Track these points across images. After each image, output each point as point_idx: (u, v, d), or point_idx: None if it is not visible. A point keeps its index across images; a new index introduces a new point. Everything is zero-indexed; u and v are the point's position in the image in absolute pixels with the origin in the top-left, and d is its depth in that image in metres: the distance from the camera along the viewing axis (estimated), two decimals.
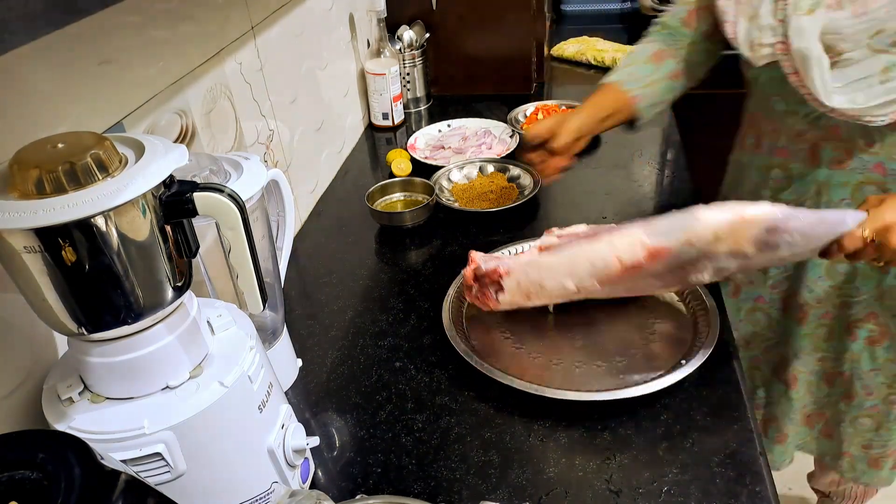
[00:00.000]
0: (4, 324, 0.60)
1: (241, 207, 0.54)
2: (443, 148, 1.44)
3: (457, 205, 1.22)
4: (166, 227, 0.52)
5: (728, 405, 0.78)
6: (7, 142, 0.58)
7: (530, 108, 1.56)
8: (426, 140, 1.49)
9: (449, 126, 1.53)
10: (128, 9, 0.73)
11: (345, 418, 0.82)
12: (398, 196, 1.26)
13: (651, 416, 0.77)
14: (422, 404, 0.82)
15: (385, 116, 1.55)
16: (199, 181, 0.54)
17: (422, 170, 1.35)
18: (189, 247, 0.56)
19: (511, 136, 1.45)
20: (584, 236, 0.87)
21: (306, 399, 0.86)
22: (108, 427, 0.54)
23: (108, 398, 0.56)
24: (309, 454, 0.73)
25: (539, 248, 0.90)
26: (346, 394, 0.85)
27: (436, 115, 1.62)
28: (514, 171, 1.30)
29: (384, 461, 0.75)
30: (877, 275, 0.96)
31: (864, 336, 1.01)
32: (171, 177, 0.51)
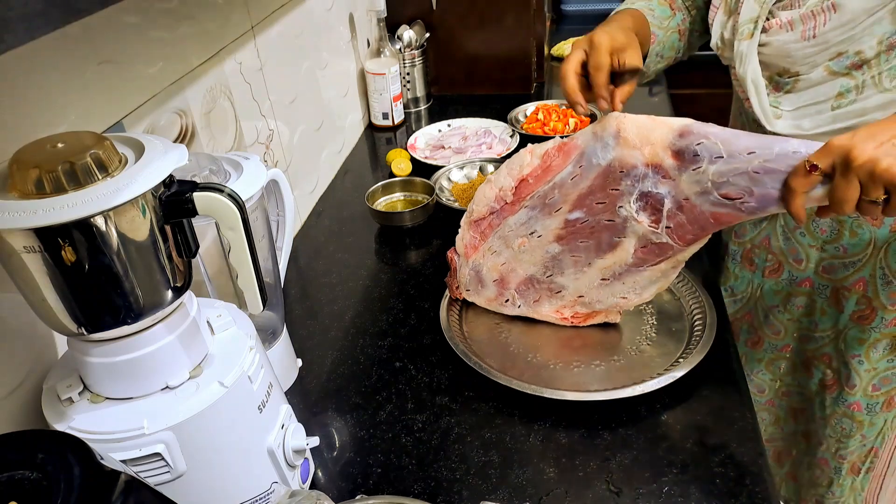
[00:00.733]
0: (4, 324, 0.60)
1: (241, 207, 0.54)
2: (443, 148, 1.44)
3: (457, 205, 1.22)
4: (166, 227, 0.52)
5: (728, 405, 0.78)
6: (7, 142, 0.58)
7: (530, 107, 1.56)
8: (426, 140, 1.49)
9: (449, 126, 1.53)
10: (128, 9, 0.73)
11: (345, 418, 0.82)
12: (398, 196, 1.26)
13: (651, 416, 0.77)
14: (422, 404, 0.82)
15: (385, 116, 1.55)
16: (198, 181, 0.54)
17: (422, 170, 1.35)
18: (189, 247, 0.56)
19: (511, 136, 1.45)
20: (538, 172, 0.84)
21: (306, 399, 0.85)
22: (107, 427, 0.54)
23: (107, 398, 0.56)
24: (309, 454, 0.73)
25: (496, 197, 0.87)
26: (346, 394, 0.85)
27: (436, 115, 1.62)
28: None
29: (384, 461, 0.75)
30: (834, 313, 0.93)
31: (818, 377, 0.99)
32: (170, 177, 0.51)
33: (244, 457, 0.61)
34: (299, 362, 0.90)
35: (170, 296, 0.54)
